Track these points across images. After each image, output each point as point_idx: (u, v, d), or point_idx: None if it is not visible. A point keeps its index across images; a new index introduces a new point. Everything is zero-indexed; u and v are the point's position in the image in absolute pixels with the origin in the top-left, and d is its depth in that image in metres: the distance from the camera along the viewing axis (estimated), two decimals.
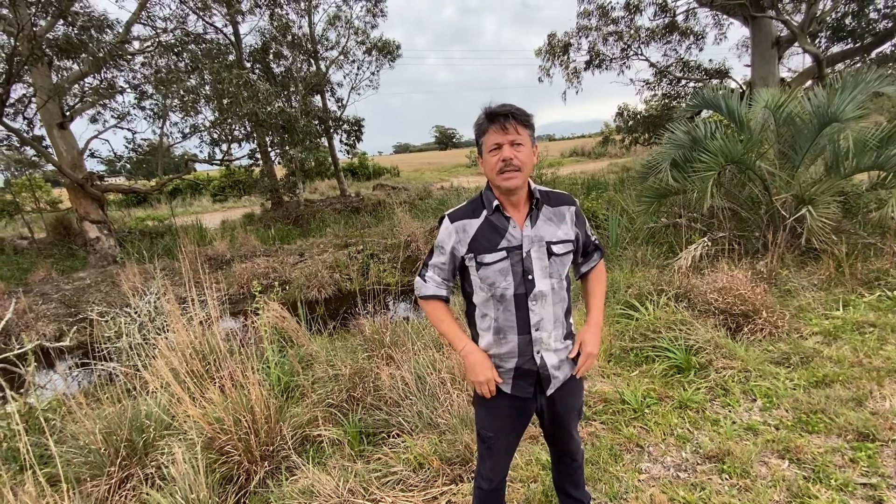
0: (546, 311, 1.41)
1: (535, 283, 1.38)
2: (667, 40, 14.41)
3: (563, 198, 1.48)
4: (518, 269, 1.38)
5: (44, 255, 10.02)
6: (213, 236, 10.41)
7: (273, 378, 3.36)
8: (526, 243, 1.39)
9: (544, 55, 14.82)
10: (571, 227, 1.45)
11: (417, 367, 2.99)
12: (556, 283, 1.41)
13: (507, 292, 1.39)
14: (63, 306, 6.92)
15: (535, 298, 1.39)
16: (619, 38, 14.47)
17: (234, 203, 20.57)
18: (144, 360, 3.35)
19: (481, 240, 1.40)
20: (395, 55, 16.97)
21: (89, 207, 9.54)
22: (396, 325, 3.84)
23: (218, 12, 12.33)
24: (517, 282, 1.39)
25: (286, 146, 12.36)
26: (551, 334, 1.43)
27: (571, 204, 1.48)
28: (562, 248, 1.41)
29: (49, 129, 9.23)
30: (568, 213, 1.45)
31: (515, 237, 1.39)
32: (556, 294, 1.42)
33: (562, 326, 1.45)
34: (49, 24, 8.28)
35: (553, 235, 1.40)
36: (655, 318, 3.45)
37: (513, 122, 1.31)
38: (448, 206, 9.51)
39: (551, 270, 1.40)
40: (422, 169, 32.30)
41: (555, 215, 1.43)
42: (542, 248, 1.39)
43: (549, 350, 1.44)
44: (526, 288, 1.39)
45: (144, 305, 4.92)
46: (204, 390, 2.86)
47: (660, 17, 13.79)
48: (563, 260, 1.42)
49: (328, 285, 7.21)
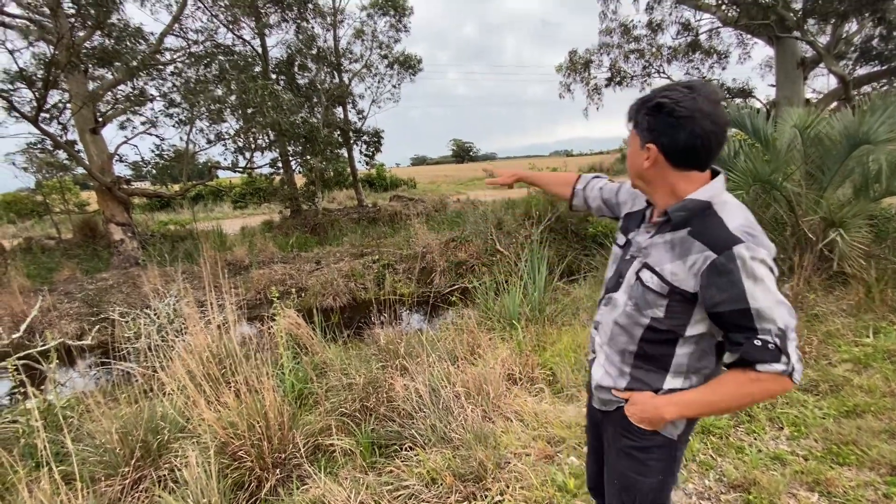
0: (607, 319, 1.26)
1: (619, 288, 1.23)
2: (689, 59, 14.34)
3: (711, 235, 1.02)
4: (619, 266, 1.26)
5: (69, 255, 10.30)
6: (233, 242, 10.59)
7: (287, 384, 3.37)
8: (634, 247, 1.22)
9: (565, 71, 14.86)
10: (687, 275, 1.05)
11: (432, 379, 2.96)
12: (632, 308, 1.17)
13: (607, 279, 1.30)
14: (86, 305, 7.08)
15: (608, 301, 1.26)
16: (640, 56, 14.44)
17: (254, 210, 20.95)
18: (162, 361, 3.39)
19: (633, 216, 1.29)
20: (417, 69, 17.21)
21: (115, 210, 9.81)
22: (411, 336, 3.83)
23: (247, 25, 12.73)
24: (614, 276, 1.27)
25: (307, 156, 12.59)
26: (603, 347, 1.28)
27: (713, 250, 1.01)
28: (653, 283, 1.11)
29: (82, 133, 9.57)
30: (696, 256, 1.03)
31: (637, 233, 1.23)
32: (624, 316, 1.19)
33: (618, 354, 1.23)
34: (87, 33, 8.64)
35: (657, 262, 1.11)
36: None
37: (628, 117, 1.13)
38: (464, 219, 9.52)
39: (631, 293, 1.18)
40: (438, 181, 32.50)
41: (680, 245, 1.08)
42: (639, 264, 1.17)
43: (598, 362, 1.30)
44: (613, 286, 1.26)
45: (164, 308, 5.01)
46: (219, 394, 2.88)
47: (682, 35, 13.76)
48: (647, 294, 1.13)
49: (343, 294, 7.25)
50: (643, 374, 1.19)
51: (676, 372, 1.15)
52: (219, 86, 9.96)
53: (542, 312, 4.20)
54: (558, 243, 7.67)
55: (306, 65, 14.54)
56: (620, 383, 1.23)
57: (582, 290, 5.00)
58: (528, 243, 5.06)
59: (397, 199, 19.71)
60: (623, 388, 1.23)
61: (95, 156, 9.55)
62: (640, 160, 1.11)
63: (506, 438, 2.58)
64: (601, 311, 1.29)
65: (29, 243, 11.34)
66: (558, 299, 4.58)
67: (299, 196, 14.02)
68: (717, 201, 1.06)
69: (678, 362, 1.14)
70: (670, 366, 1.15)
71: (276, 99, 9.77)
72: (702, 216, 1.06)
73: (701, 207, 1.06)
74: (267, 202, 18.40)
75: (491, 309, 4.40)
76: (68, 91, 9.44)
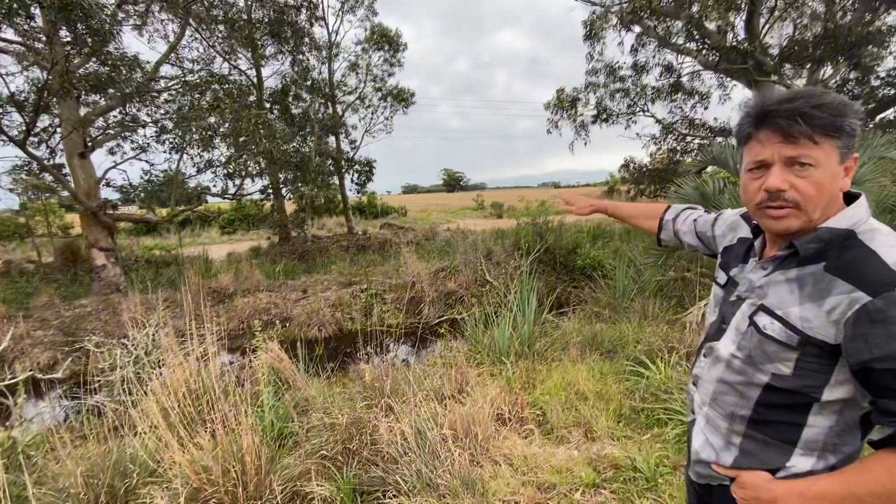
0: (708, 374, 1.02)
1: (722, 336, 1.00)
2: (672, 99, 14.88)
3: (860, 272, 0.80)
4: (722, 309, 1.03)
5: (49, 279, 10.03)
6: (219, 269, 10.42)
7: (267, 423, 3.24)
8: (743, 286, 0.99)
9: (553, 108, 15.39)
10: (825, 322, 0.82)
11: (418, 420, 2.87)
12: (743, 362, 0.94)
13: (707, 325, 1.09)
14: (61, 333, 6.84)
15: (709, 352, 1.03)
16: (625, 95, 14.99)
17: (242, 236, 20.79)
18: (136, 396, 3.25)
19: (732, 251, 1.10)
20: (409, 102, 17.60)
21: (99, 235, 9.64)
22: (397, 371, 3.73)
23: (243, 56, 12.98)
24: (716, 321, 1.05)
25: (298, 183, 12.61)
26: (703, 408, 1.04)
27: (865, 291, 0.78)
28: (776, 330, 0.88)
29: (70, 158, 9.49)
30: (838, 298, 0.81)
31: (744, 270, 1.02)
32: (732, 372, 0.96)
33: (725, 419, 0.98)
34: (82, 60, 8.69)
35: (778, 304, 0.89)
36: (667, 377, 3.32)
37: (804, 127, 0.81)
38: (454, 248, 9.48)
39: (742, 342, 0.94)
40: (429, 210, 32.79)
41: (813, 285, 0.85)
42: (751, 307, 0.94)
43: (698, 426, 1.07)
44: (714, 334, 1.03)
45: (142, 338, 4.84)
46: (194, 434, 2.76)
47: (666, 77, 14.31)
48: (766, 346, 0.89)
49: (329, 324, 7.11)
50: (758, 448, 0.94)
51: (807, 448, 0.89)
52: (212, 114, 10.03)
53: (532, 347, 4.14)
54: (547, 275, 7.67)
55: (301, 95, 14.81)
56: (726, 458, 0.98)
57: (571, 323, 4.96)
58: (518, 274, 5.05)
59: (388, 226, 19.76)
60: (729, 465, 0.97)
61: (82, 180, 9.45)
62: (839, 181, 0.85)
63: (494, 484, 2.48)
64: (700, 363, 1.07)
65: (8, 266, 11.04)
66: (548, 333, 4.53)
67: (288, 223, 13.97)
68: (862, 229, 0.84)
69: (811, 436, 0.88)
70: (799, 439, 0.89)
71: (270, 128, 9.85)
72: (842, 248, 0.84)
73: (841, 237, 0.85)
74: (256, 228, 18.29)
75: (480, 342, 4.33)
76: (59, 116, 9.42)
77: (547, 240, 7.90)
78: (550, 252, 7.91)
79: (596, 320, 5.05)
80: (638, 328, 4.41)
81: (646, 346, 3.82)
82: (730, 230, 1.16)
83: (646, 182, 16.21)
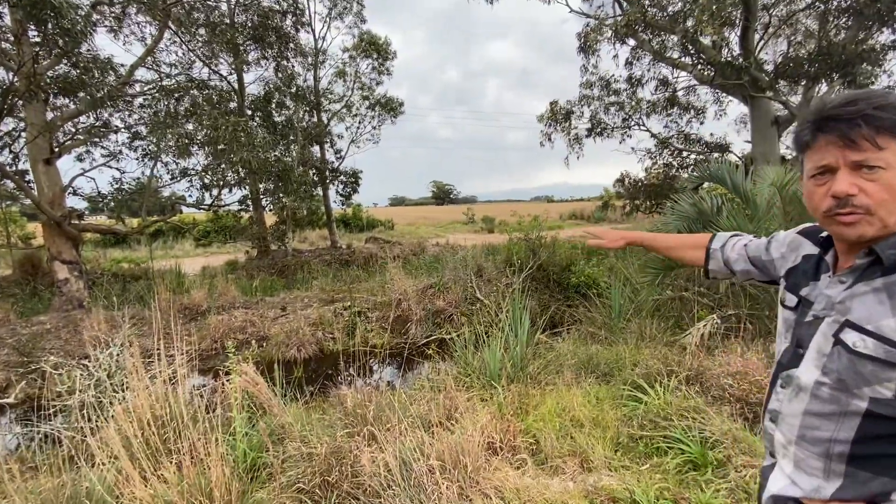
0: (791, 409, 0.92)
1: (800, 362, 0.92)
2: (668, 113, 14.92)
3: None
4: (797, 332, 0.94)
5: (5, 294, 9.43)
6: (192, 284, 9.97)
7: (239, 453, 2.99)
8: (819, 304, 0.91)
9: (546, 121, 15.20)
10: None
11: (403, 449, 2.67)
12: (833, 388, 0.85)
13: (779, 352, 1.00)
14: (16, 353, 6.36)
15: (787, 382, 0.94)
16: (620, 108, 14.99)
17: (219, 248, 20.13)
18: (95, 423, 3.00)
19: (798, 270, 1.02)
20: (398, 112, 17.48)
21: (63, 247, 9.12)
22: (381, 396, 3.52)
23: (224, 61, 12.68)
24: (790, 346, 0.96)
25: (280, 194, 12.28)
26: (790, 448, 0.92)
27: None
28: (869, 347, 0.80)
29: (34, 163, 9.00)
30: None
31: (817, 287, 0.94)
32: (820, 402, 0.87)
33: (821, 458, 0.87)
34: (52, 62, 8.30)
35: (867, 318, 0.81)
36: (666, 402, 3.19)
37: (866, 130, 0.78)
38: (443, 264, 9.27)
39: (829, 367, 0.86)
40: (417, 223, 32.50)
41: None
42: (833, 324, 0.86)
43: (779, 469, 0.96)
44: (789, 361, 0.95)
45: (105, 359, 4.49)
46: (158, 466, 2.52)
47: (661, 91, 14.34)
48: (859, 366, 0.81)
49: (309, 344, 6.79)
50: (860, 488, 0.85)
51: None
52: (189, 120, 9.70)
53: (525, 370, 3.97)
54: (540, 293, 7.51)
55: (284, 102, 14.54)
56: (825, 490, 0.86)
57: (566, 344, 4.80)
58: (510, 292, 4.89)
59: (374, 240, 19.47)
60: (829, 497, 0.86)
61: (47, 188, 8.96)
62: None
63: None
64: (778, 395, 0.96)
65: None
66: (541, 354, 4.36)
67: (268, 235, 13.57)
68: None
69: None
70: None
71: (250, 136, 9.57)
72: None
73: None
74: (233, 241, 17.76)
75: (470, 364, 4.13)
76: (24, 119, 8.96)
77: (540, 256, 7.74)
78: (543, 269, 7.74)
79: (591, 341, 4.89)
80: (635, 350, 4.28)
81: (643, 368, 3.68)
82: (790, 251, 1.08)
83: (641, 197, 16.10)
